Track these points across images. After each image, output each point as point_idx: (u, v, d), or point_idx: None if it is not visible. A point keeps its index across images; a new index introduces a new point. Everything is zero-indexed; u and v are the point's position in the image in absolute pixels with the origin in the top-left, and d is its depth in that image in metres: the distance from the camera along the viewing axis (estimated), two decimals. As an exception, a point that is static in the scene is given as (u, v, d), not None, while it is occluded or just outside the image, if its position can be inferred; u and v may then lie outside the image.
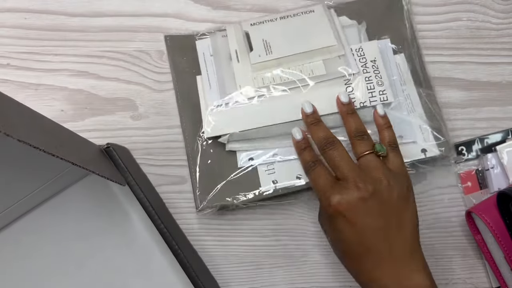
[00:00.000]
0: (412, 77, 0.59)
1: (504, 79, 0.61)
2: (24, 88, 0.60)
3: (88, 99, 0.59)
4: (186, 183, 0.58)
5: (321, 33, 0.56)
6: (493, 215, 0.51)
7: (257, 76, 0.56)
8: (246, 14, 0.62)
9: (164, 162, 0.58)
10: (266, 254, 0.57)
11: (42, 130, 0.39)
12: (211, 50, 0.59)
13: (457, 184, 0.58)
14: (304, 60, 0.56)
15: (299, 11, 0.58)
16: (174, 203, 0.57)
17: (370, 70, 0.55)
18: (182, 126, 0.58)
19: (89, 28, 0.61)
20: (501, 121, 0.60)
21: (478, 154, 0.58)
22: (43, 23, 0.61)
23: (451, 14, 0.62)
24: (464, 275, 0.57)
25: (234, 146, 0.56)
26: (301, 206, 0.58)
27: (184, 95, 0.59)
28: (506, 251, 0.51)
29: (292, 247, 0.57)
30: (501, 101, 0.60)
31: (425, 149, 0.56)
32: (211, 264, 0.56)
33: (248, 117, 0.55)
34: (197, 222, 0.57)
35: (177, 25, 0.61)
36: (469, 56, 0.61)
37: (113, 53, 0.61)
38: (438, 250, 0.57)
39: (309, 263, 0.57)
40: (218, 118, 0.56)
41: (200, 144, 0.57)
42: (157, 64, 0.61)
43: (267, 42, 0.57)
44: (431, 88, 0.59)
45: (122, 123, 0.59)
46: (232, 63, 0.57)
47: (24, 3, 0.62)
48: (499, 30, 0.62)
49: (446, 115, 0.60)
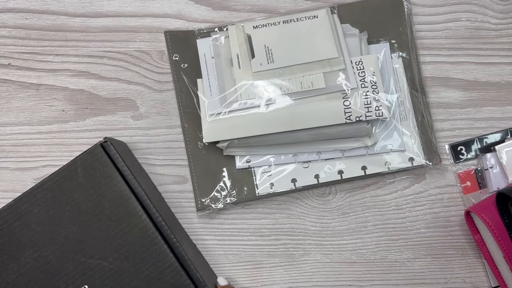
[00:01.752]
0: (408, 82, 0.59)
1: (503, 79, 0.61)
2: (25, 88, 0.60)
3: (89, 99, 0.60)
4: (187, 182, 0.58)
5: (323, 43, 0.56)
6: (492, 215, 0.52)
7: (257, 84, 0.56)
8: (246, 14, 0.62)
9: (165, 162, 0.59)
10: (266, 254, 0.57)
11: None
12: (212, 52, 0.59)
13: (456, 183, 0.58)
14: (305, 72, 0.56)
15: (302, 16, 0.58)
16: (175, 203, 0.58)
17: (368, 85, 0.56)
18: (183, 127, 0.59)
19: (90, 29, 0.61)
20: (500, 121, 0.60)
21: (477, 154, 0.59)
22: (44, 23, 0.61)
23: (450, 14, 0.62)
24: (463, 274, 0.57)
25: (231, 151, 0.57)
26: (301, 206, 0.58)
27: (184, 95, 0.59)
28: (505, 250, 0.51)
29: (292, 246, 0.57)
30: (500, 101, 0.60)
31: (412, 158, 0.57)
32: (211, 264, 0.57)
33: (247, 125, 0.55)
34: (198, 222, 0.58)
35: (178, 25, 0.62)
36: (468, 56, 0.61)
37: (114, 53, 0.61)
38: (437, 249, 0.57)
39: (309, 262, 0.57)
40: (217, 125, 0.56)
41: (199, 145, 0.58)
42: (157, 64, 0.61)
43: (269, 49, 0.57)
44: (425, 94, 0.59)
45: (123, 123, 0.59)
46: (233, 68, 0.57)
47: (25, 4, 0.62)
48: (498, 30, 0.62)
49: (445, 115, 0.60)
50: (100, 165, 0.51)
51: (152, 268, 0.50)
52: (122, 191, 0.51)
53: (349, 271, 0.57)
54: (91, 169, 0.51)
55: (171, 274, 0.50)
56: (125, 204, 0.51)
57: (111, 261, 0.50)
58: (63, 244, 0.50)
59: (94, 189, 0.51)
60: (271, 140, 0.56)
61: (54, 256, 0.50)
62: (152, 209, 0.51)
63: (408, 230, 0.58)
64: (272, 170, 0.57)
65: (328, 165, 0.57)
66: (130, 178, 0.51)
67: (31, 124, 0.59)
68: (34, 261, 0.50)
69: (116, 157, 0.51)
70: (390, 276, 0.57)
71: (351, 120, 0.55)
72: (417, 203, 0.58)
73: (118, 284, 0.50)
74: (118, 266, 0.50)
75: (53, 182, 0.51)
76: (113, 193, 0.51)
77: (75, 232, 0.51)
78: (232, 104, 0.56)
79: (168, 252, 0.50)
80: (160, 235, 0.50)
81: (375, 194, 0.58)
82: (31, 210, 0.51)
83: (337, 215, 0.58)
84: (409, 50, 0.60)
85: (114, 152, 0.51)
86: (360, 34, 0.59)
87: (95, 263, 0.50)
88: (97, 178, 0.51)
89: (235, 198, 0.57)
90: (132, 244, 0.50)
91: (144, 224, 0.50)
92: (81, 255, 0.50)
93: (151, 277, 0.50)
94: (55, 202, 0.51)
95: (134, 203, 0.51)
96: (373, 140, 0.57)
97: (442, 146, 0.59)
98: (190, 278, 0.50)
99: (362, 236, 0.58)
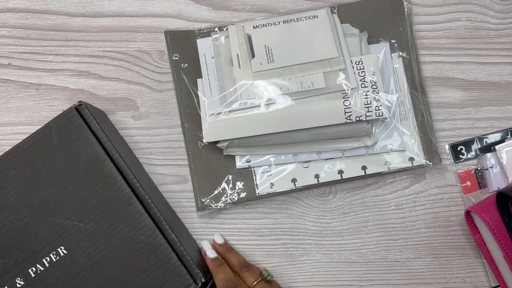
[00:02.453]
0: (408, 81, 0.59)
1: (503, 79, 0.61)
2: (25, 88, 0.60)
3: (89, 99, 0.60)
4: (187, 182, 0.58)
5: (323, 43, 0.56)
6: (493, 215, 0.52)
7: (257, 84, 0.56)
8: (246, 14, 0.62)
9: (165, 161, 0.59)
10: (266, 253, 0.57)
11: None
12: (212, 52, 0.59)
13: (456, 183, 0.58)
14: (305, 72, 0.56)
15: (302, 16, 0.58)
16: (176, 202, 0.58)
17: (368, 85, 0.56)
18: (183, 126, 0.59)
19: (90, 28, 0.61)
20: (500, 121, 0.60)
21: (477, 153, 0.59)
22: (44, 23, 0.61)
23: (450, 14, 0.62)
24: (463, 274, 0.57)
25: (231, 151, 0.57)
26: (301, 206, 0.58)
27: (185, 95, 0.59)
28: (505, 250, 0.51)
29: (292, 246, 0.57)
30: (500, 100, 0.60)
31: (412, 158, 0.57)
32: (211, 263, 0.57)
33: (247, 125, 0.55)
34: (198, 221, 0.58)
35: (178, 25, 0.62)
36: (468, 56, 0.61)
37: (114, 53, 0.61)
38: (437, 249, 0.57)
39: (309, 262, 0.57)
40: (218, 125, 0.56)
41: (200, 144, 0.58)
42: (157, 64, 0.61)
43: (269, 49, 0.57)
44: (425, 94, 0.59)
45: (123, 123, 0.59)
46: (233, 68, 0.57)
47: (25, 3, 0.62)
48: (498, 30, 0.62)
49: (445, 115, 0.60)
50: (75, 128, 0.52)
51: (127, 228, 0.50)
52: (97, 153, 0.51)
53: (349, 271, 0.57)
54: (66, 132, 0.52)
55: (147, 233, 0.50)
56: (100, 166, 0.51)
57: (86, 222, 0.50)
58: (39, 207, 0.51)
59: (69, 151, 0.51)
60: (271, 140, 0.56)
61: (31, 218, 0.51)
62: (127, 170, 0.51)
63: (408, 230, 0.58)
64: (272, 170, 0.58)
65: (328, 165, 0.57)
66: (105, 140, 0.52)
67: (31, 124, 0.59)
68: (10, 223, 0.51)
69: (90, 120, 0.52)
70: (390, 276, 0.57)
71: (351, 120, 0.55)
72: (417, 203, 0.58)
73: (94, 244, 0.50)
74: (94, 227, 0.50)
75: (28, 145, 0.52)
76: (87, 155, 0.51)
77: (51, 194, 0.51)
78: (232, 104, 0.56)
79: (143, 212, 0.50)
80: (135, 195, 0.51)
81: (375, 194, 0.58)
82: (6, 173, 0.51)
83: (337, 215, 0.58)
84: (409, 50, 0.60)
85: (88, 115, 0.52)
86: (360, 34, 0.59)
87: (71, 224, 0.50)
88: (72, 140, 0.52)
89: (235, 198, 0.57)
90: (107, 205, 0.51)
91: (119, 185, 0.51)
92: (57, 217, 0.51)
93: (127, 237, 0.50)
94: (31, 165, 0.51)
95: (108, 165, 0.51)
96: (373, 140, 0.57)
97: (442, 146, 0.59)
98: (165, 238, 0.50)
99: (362, 236, 0.58)
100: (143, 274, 0.50)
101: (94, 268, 0.50)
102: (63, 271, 0.50)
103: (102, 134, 0.52)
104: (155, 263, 0.50)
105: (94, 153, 0.51)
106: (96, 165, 0.51)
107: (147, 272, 0.50)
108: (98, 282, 0.50)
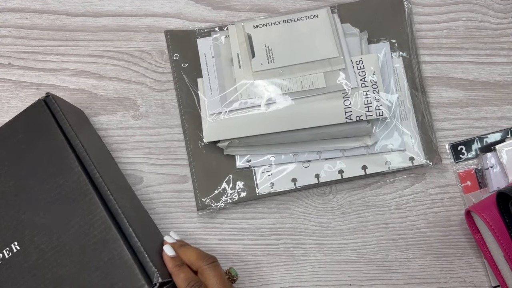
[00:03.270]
0: (408, 81, 0.59)
1: (503, 78, 0.61)
2: (25, 87, 0.60)
3: (90, 99, 0.60)
4: (188, 182, 0.58)
5: (323, 43, 0.56)
6: (493, 214, 0.52)
7: (258, 84, 0.56)
8: (246, 14, 0.62)
9: (165, 161, 0.59)
10: (266, 253, 0.57)
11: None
12: (212, 51, 0.59)
13: (457, 183, 0.58)
14: (305, 71, 0.56)
15: (303, 15, 0.58)
16: (176, 202, 0.58)
17: (369, 85, 0.56)
18: (183, 126, 0.59)
19: (90, 28, 0.61)
20: (500, 121, 0.60)
21: (477, 153, 0.59)
22: (44, 23, 0.61)
23: (450, 14, 0.62)
24: (464, 273, 0.57)
25: (232, 151, 0.57)
26: (301, 205, 0.58)
27: (185, 95, 0.59)
28: (505, 250, 0.51)
29: (292, 246, 0.57)
30: (500, 100, 0.60)
31: (412, 157, 0.57)
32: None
33: (247, 125, 0.55)
34: (198, 221, 0.58)
35: (178, 25, 0.62)
36: (469, 56, 0.61)
37: (114, 53, 0.61)
38: (438, 248, 0.57)
39: (309, 262, 0.57)
40: (218, 125, 0.56)
41: (200, 144, 0.58)
42: (158, 63, 0.61)
43: (269, 48, 0.57)
44: (426, 93, 0.60)
45: (123, 123, 0.59)
46: (234, 68, 0.57)
47: (25, 3, 0.62)
48: (498, 30, 0.62)
49: (445, 115, 0.60)
50: (41, 120, 0.51)
51: (81, 222, 0.47)
52: (59, 143, 0.50)
53: (349, 271, 0.57)
54: (32, 123, 0.51)
55: (100, 227, 0.47)
56: (61, 158, 0.49)
57: (42, 216, 0.48)
58: None
59: (33, 143, 0.50)
60: (272, 140, 0.56)
61: None
62: (88, 161, 0.49)
63: (408, 229, 0.58)
64: (273, 170, 0.58)
65: (329, 164, 0.57)
66: (69, 131, 0.50)
67: (31, 123, 0.59)
68: None
69: (57, 111, 0.51)
70: (391, 276, 0.57)
71: (351, 119, 0.55)
72: (418, 202, 0.58)
73: (47, 240, 0.47)
74: (49, 220, 0.48)
75: None
76: (50, 147, 0.50)
77: (11, 187, 0.49)
78: (233, 104, 0.56)
79: (98, 204, 0.47)
80: (94, 187, 0.48)
81: (376, 193, 0.58)
82: None
83: (338, 214, 0.58)
84: (409, 50, 0.60)
85: (55, 107, 0.51)
86: (361, 34, 0.59)
87: (27, 218, 0.48)
88: (37, 132, 0.51)
89: (236, 198, 0.57)
90: (65, 197, 0.48)
91: (77, 177, 0.48)
92: (15, 211, 0.49)
93: (80, 231, 0.47)
94: None
95: (69, 156, 0.49)
96: (374, 140, 0.57)
97: (443, 146, 0.59)
98: (122, 233, 0.47)
99: (363, 235, 0.58)
100: (95, 272, 0.46)
101: (45, 266, 0.47)
102: (13, 269, 0.47)
103: (67, 125, 0.50)
104: (108, 260, 0.46)
105: (57, 144, 0.50)
106: (58, 157, 0.49)
107: (98, 271, 0.46)
108: (47, 281, 0.46)
